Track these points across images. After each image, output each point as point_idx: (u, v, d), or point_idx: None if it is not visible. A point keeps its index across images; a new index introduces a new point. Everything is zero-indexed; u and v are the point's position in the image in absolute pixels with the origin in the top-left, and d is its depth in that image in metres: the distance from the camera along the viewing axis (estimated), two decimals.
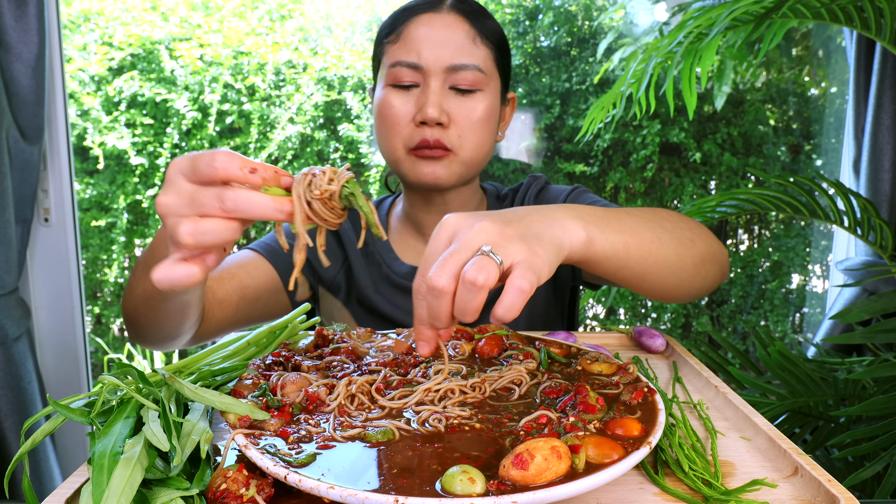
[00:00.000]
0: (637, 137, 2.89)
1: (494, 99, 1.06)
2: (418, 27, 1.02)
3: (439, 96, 1.00)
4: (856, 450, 1.24)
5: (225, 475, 0.51)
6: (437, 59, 1.00)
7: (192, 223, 0.54)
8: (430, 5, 1.04)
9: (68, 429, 1.92)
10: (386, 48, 1.05)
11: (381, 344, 0.78)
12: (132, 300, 0.86)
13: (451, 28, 1.02)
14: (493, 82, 1.05)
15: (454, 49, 1.01)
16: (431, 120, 0.99)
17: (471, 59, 1.02)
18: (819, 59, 2.87)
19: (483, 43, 1.03)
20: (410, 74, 1.01)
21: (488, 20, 1.05)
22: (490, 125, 1.05)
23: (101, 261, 2.93)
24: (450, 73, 1.01)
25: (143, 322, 0.87)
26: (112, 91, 2.76)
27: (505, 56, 1.09)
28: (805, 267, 3.00)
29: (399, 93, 1.02)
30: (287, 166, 2.89)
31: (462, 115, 1.02)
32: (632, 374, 0.69)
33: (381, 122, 1.04)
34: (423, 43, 1.01)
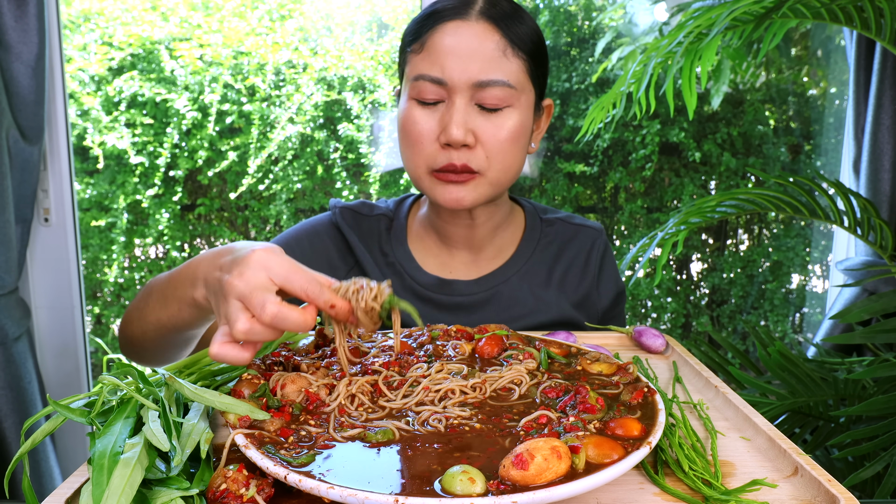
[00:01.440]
0: (637, 137, 2.89)
1: (526, 113, 0.98)
2: (444, 37, 0.93)
3: (465, 115, 0.93)
4: (856, 450, 1.24)
5: (225, 475, 0.51)
6: (463, 74, 0.92)
7: (249, 323, 0.62)
8: (458, 11, 0.95)
9: (68, 429, 1.92)
10: (409, 57, 0.98)
11: (382, 344, 0.78)
12: (140, 326, 0.86)
13: (479, 39, 0.93)
14: (524, 95, 0.97)
15: (482, 63, 0.92)
16: (456, 142, 0.93)
17: (500, 73, 0.93)
18: (819, 59, 2.88)
19: (515, 54, 0.95)
20: (434, 90, 0.94)
21: (523, 25, 0.96)
22: (520, 143, 0.98)
23: (101, 261, 2.93)
24: (476, 89, 0.93)
25: (148, 347, 0.87)
26: (112, 91, 2.76)
27: (540, 64, 1.00)
28: (805, 267, 3.00)
29: (423, 108, 0.96)
30: (287, 166, 2.89)
31: (489, 134, 0.95)
32: (632, 374, 0.69)
33: (404, 138, 0.99)
34: (448, 56, 0.92)
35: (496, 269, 1.10)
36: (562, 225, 1.16)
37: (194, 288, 0.75)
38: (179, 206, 2.92)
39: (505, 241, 1.12)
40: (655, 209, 3.02)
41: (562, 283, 1.12)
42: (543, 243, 1.14)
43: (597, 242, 1.16)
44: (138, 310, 0.88)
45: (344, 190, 2.93)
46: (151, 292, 0.86)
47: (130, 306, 0.92)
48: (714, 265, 3.10)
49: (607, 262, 1.17)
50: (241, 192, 2.90)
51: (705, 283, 3.14)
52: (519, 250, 1.12)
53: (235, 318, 0.63)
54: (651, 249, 1.60)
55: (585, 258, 1.14)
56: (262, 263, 0.65)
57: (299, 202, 2.98)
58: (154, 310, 0.83)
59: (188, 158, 2.84)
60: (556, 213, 1.18)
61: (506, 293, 1.08)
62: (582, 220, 1.18)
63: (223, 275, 0.67)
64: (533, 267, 1.11)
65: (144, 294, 0.88)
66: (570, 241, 1.15)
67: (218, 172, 2.89)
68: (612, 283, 1.17)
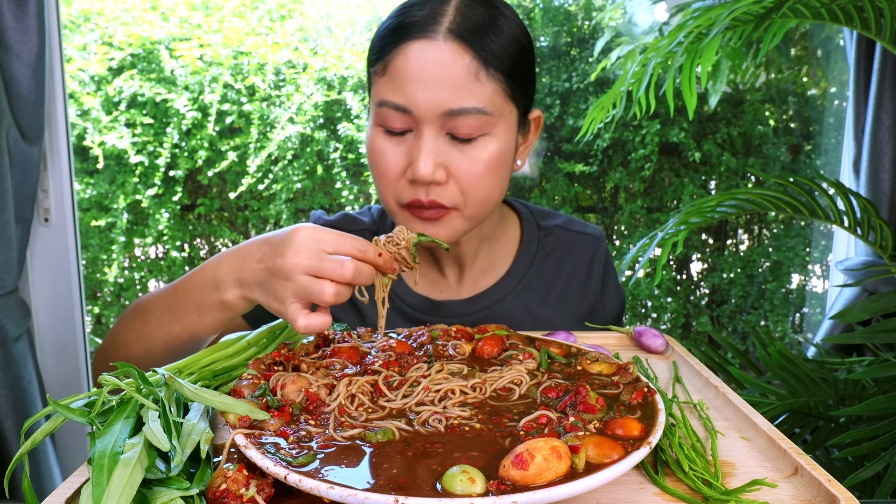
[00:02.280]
0: (637, 137, 2.89)
1: (506, 137, 0.88)
2: (407, 60, 0.82)
3: (434, 148, 0.83)
4: (856, 450, 1.24)
5: (225, 475, 0.51)
6: (430, 104, 0.82)
7: (335, 287, 0.68)
8: (423, 29, 0.83)
9: (68, 429, 1.92)
10: (373, 78, 0.87)
11: (382, 344, 0.77)
12: (143, 345, 0.85)
13: (447, 63, 0.81)
14: (504, 119, 0.87)
15: (451, 90, 0.81)
16: (423, 180, 0.84)
17: (472, 100, 0.82)
18: (819, 59, 2.88)
19: (490, 76, 0.83)
20: (400, 118, 0.84)
21: (499, 38, 0.84)
22: (500, 171, 0.88)
23: (101, 261, 2.93)
24: (447, 118, 0.83)
25: (152, 364, 0.86)
26: (112, 91, 2.76)
27: (523, 79, 0.89)
28: (805, 267, 3.00)
29: (389, 138, 0.86)
30: (287, 166, 2.89)
31: (463, 168, 0.85)
32: (632, 374, 0.69)
33: (371, 167, 0.90)
34: (413, 82, 0.82)
35: (490, 286, 1.03)
36: (560, 232, 1.09)
37: (221, 291, 0.76)
38: (179, 206, 2.92)
39: (497, 255, 1.05)
40: (655, 209, 3.02)
41: (562, 299, 1.06)
42: (541, 255, 1.06)
43: (598, 252, 1.09)
44: (136, 329, 0.86)
45: (344, 190, 2.93)
46: (151, 309, 0.85)
47: (120, 331, 0.89)
48: (714, 265, 3.10)
49: (610, 274, 1.11)
50: (240, 192, 2.90)
51: (705, 283, 3.14)
52: (515, 265, 1.05)
53: (318, 288, 0.67)
54: (651, 249, 1.60)
55: (587, 269, 1.08)
56: (311, 238, 0.69)
57: (299, 202, 2.98)
58: (161, 325, 0.82)
59: (188, 158, 2.84)
60: (555, 217, 1.11)
61: (501, 314, 1.02)
62: (581, 226, 1.11)
63: (273, 262, 0.70)
64: (530, 283, 1.05)
65: (140, 313, 0.86)
66: (569, 250, 1.08)
67: (218, 172, 2.89)
68: (616, 293, 1.12)
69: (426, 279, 1.04)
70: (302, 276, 0.68)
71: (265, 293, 0.72)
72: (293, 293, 0.69)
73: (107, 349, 0.91)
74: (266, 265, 0.71)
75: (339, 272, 0.68)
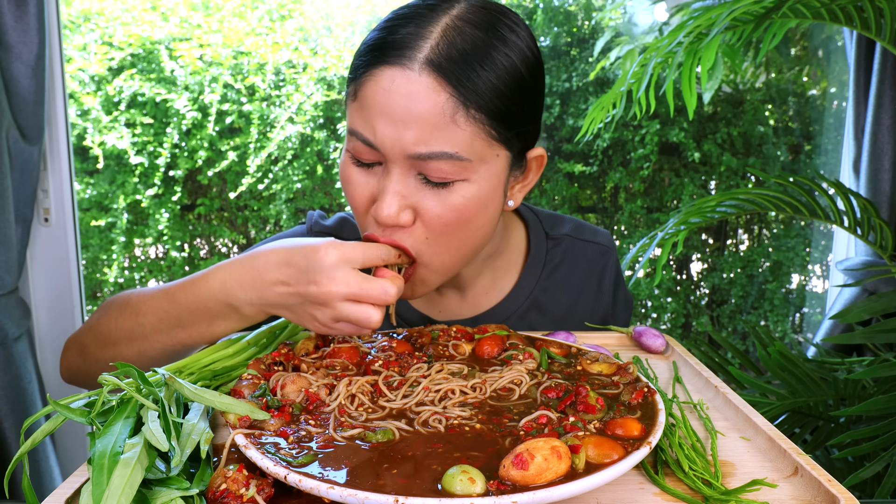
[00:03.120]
0: (637, 137, 2.89)
1: (489, 182, 0.76)
2: (376, 89, 0.71)
3: (401, 188, 0.73)
4: (856, 450, 1.24)
5: (225, 475, 0.51)
6: (396, 143, 0.71)
7: (379, 312, 0.69)
8: (399, 54, 0.71)
9: (68, 429, 1.92)
10: (347, 99, 0.78)
11: (382, 344, 0.77)
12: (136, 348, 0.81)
13: (419, 99, 0.69)
14: (487, 164, 0.75)
15: (420, 131, 0.70)
16: (385, 223, 0.74)
17: (444, 144, 0.70)
18: (819, 59, 2.88)
19: (469, 118, 0.71)
20: (369, 152, 0.74)
21: (488, 72, 0.71)
22: (478, 219, 0.77)
23: (101, 261, 2.93)
24: (416, 160, 0.72)
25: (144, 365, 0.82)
26: (112, 91, 2.76)
27: (515, 120, 0.75)
28: (805, 267, 3.00)
29: (358, 167, 0.77)
30: (287, 166, 2.89)
31: (433, 213, 0.74)
32: (632, 374, 0.68)
33: (343, 191, 0.82)
34: (379, 117, 0.71)
35: (494, 305, 0.96)
36: (570, 242, 1.00)
37: (235, 307, 0.74)
38: (179, 206, 2.92)
39: (500, 271, 0.97)
40: (655, 209, 3.02)
41: (571, 315, 1.00)
42: (549, 269, 0.98)
43: (609, 263, 1.03)
44: (124, 330, 0.81)
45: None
46: (143, 312, 0.80)
47: (104, 328, 0.83)
48: (714, 265, 3.10)
49: (620, 284, 1.06)
50: (240, 192, 2.90)
51: (705, 283, 3.14)
52: (521, 281, 0.97)
53: (364, 316, 0.68)
54: (651, 249, 1.60)
55: (598, 283, 1.02)
56: (341, 260, 0.68)
57: (299, 202, 2.98)
58: (161, 331, 0.79)
59: (188, 158, 2.84)
60: (563, 225, 1.02)
61: None
62: (591, 234, 1.03)
63: (306, 288, 0.69)
64: (537, 300, 0.98)
65: (129, 313, 0.81)
66: (578, 261, 1.01)
67: (218, 172, 2.89)
68: (626, 304, 1.07)
69: (424, 297, 0.96)
70: (342, 303, 0.68)
71: (296, 315, 0.71)
72: (334, 317, 0.69)
73: (87, 345, 0.85)
74: (296, 290, 0.69)
75: (383, 298, 0.68)
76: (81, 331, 0.89)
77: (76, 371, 0.90)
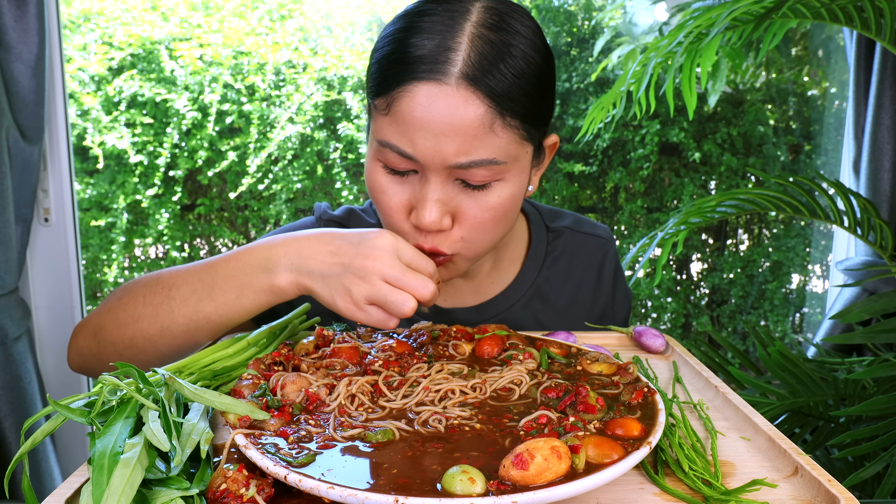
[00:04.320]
0: (637, 137, 2.90)
1: (521, 178, 0.81)
2: (414, 106, 0.73)
3: (441, 195, 0.77)
4: (856, 450, 1.24)
5: (225, 475, 0.51)
6: (437, 156, 0.74)
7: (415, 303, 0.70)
8: (433, 70, 0.72)
9: (68, 429, 1.92)
10: (374, 111, 0.79)
11: (383, 344, 0.77)
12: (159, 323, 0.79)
13: (458, 113, 0.72)
14: (519, 161, 0.79)
15: (461, 143, 0.73)
16: (428, 229, 0.78)
17: (485, 152, 0.74)
18: (819, 59, 2.88)
19: (505, 126, 0.74)
20: (404, 162, 0.77)
21: (515, 77, 0.74)
22: (511, 214, 0.82)
23: (101, 261, 2.93)
24: (456, 168, 0.75)
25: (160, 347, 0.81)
26: (112, 91, 2.76)
27: (541, 116, 0.79)
28: (805, 267, 3.00)
29: (392, 176, 0.79)
30: (287, 166, 2.89)
31: (472, 213, 0.79)
32: (632, 374, 0.68)
33: (374, 200, 0.83)
34: (420, 131, 0.73)
35: (498, 294, 1.00)
36: (570, 234, 1.04)
37: (272, 274, 0.74)
38: (179, 206, 2.92)
39: (504, 261, 1.01)
40: (655, 209, 3.02)
41: (573, 305, 1.03)
42: (550, 259, 1.02)
43: (608, 255, 1.06)
44: (153, 306, 0.80)
45: (343, 190, 2.93)
46: (176, 285, 0.79)
47: (127, 305, 0.82)
48: (714, 265, 3.10)
49: (619, 277, 1.08)
50: (240, 192, 2.90)
51: (705, 283, 3.14)
52: (523, 271, 1.01)
53: (400, 299, 0.69)
54: (651, 249, 1.60)
55: (597, 274, 1.05)
56: (393, 246, 0.70)
57: (299, 202, 2.98)
58: (189, 303, 0.78)
59: (188, 158, 2.85)
60: (563, 218, 1.06)
61: (510, 321, 1.00)
62: (590, 227, 1.07)
63: (353, 259, 0.70)
64: (540, 289, 1.02)
65: (160, 288, 0.80)
66: (578, 253, 1.04)
67: (218, 172, 2.89)
68: (625, 296, 1.09)
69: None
70: (382, 282, 0.69)
71: (328, 286, 0.72)
72: (368, 295, 0.69)
73: (103, 327, 0.83)
74: (342, 260, 0.71)
75: (422, 292, 0.69)
76: (95, 314, 0.86)
77: (87, 356, 0.87)
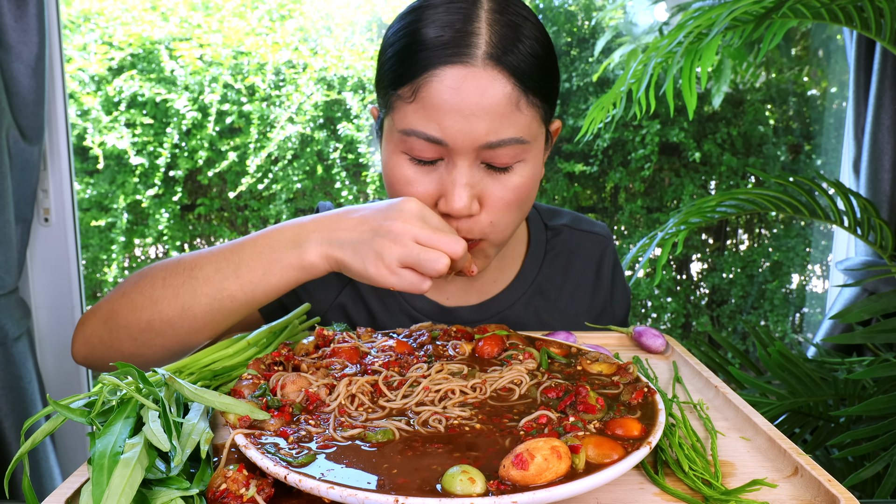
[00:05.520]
0: (637, 137, 2.90)
1: (539, 160, 0.84)
2: (443, 89, 0.75)
3: (469, 179, 0.78)
4: (856, 450, 1.24)
5: (225, 475, 0.51)
6: (468, 137, 0.76)
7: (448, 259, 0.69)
8: (459, 53, 0.75)
9: (68, 429, 1.92)
10: (396, 102, 0.79)
11: (383, 344, 0.78)
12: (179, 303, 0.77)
13: (488, 92, 0.75)
14: (538, 142, 0.82)
15: (491, 122, 0.76)
16: (459, 214, 0.79)
17: (512, 131, 0.77)
18: (819, 59, 2.88)
19: (529, 104, 0.78)
20: (431, 149, 0.78)
21: (532, 57, 0.77)
22: (532, 195, 0.85)
23: (101, 261, 2.93)
24: (483, 149, 0.77)
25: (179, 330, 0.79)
26: (112, 91, 2.76)
27: (554, 96, 0.84)
28: (805, 267, 3.00)
29: (417, 166, 0.80)
30: (287, 166, 2.89)
31: (497, 196, 0.81)
32: (632, 374, 0.68)
33: (394, 195, 0.83)
34: (449, 114, 0.75)
35: (499, 292, 1.01)
36: (568, 232, 1.06)
37: (301, 248, 0.73)
38: (179, 206, 2.92)
39: (506, 259, 1.02)
40: (655, 209, 3.02)
41: (573, 302, 1.04)
42: (550, 257, 1.04)
43: (606, 251, 1.07)
44: (174, 287, 0.77)
45: (343, 190, 2.93)
46: (200, 265, 0.77)
47: (145, 288, 0.79)
48: (714, 265, 3.10)
49: (618, 273, 1.09)
50: (240, 192, 2.90)
51: (705, 283, 3.14)
52: (524, 269, 1.02)
53: (433, 257, 0.67)
54: (651, 249, 1.60)
55: (596, 270, 1.06)
56: (420, 211, 0.70)
57: (299, 202, 2.98)
58: (213, 282, 0.76)
59: (188, 158, 2.85)
60: (561, 216, 1.08)
61: (512, 319, 1.00)
62: (588, 225, 1.09)
63: (382, 223, 0.70)
64: (540, 287, 1.03)
65: (181, 269, 0.78)
66: (577, 250, 1.06)
67: (218, 172, 2.89)
68: (624, 294, 1.10)
69: (434, 285, 0.98)
70: (413, 242, 0.68)
71: (358, 254, 0.70)
72: (400, 257, 0.68)
73: (117, 311, 0.81)
74: (371, 226, 0.71)
75: (453, 248, 0.68)
76: (107, 300, 0.84)
77: (97, 344, 0.84)
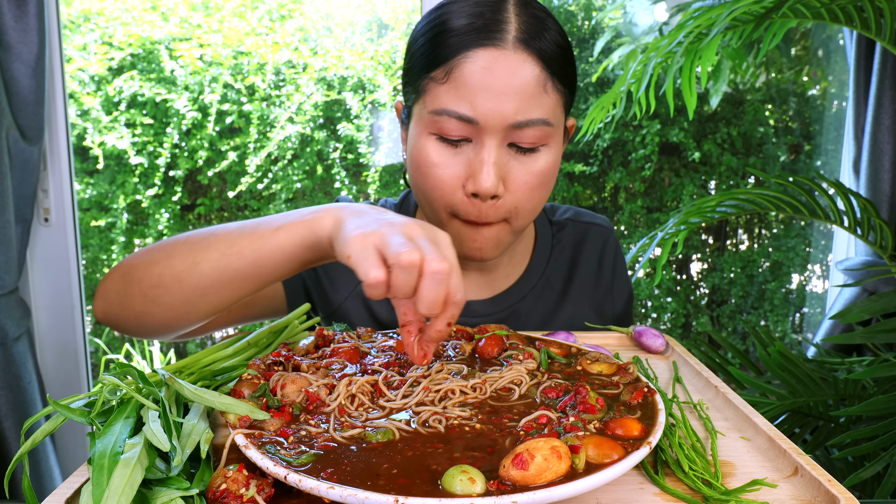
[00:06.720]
0: (637, 137, 2.89)
1: (560, 147, 0.88)
2: (475, 69, 0.79)
3: (497, 159, 0.82)
4: (856, 450, 1.24)
5: (225, 475, 0.51)
6: (498, 115, 0.80)
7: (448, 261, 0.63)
8: (491, 36, 0.80)
9: (68, 429, 1.92)
10: (428, 84, 0.83)
11: (383, 344, 0.78)
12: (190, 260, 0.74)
13: (517, 73, 0.80)
14: (560, 129, 0.87)
15: (520, 102, 0.80)
16: (487, 193, 0.82)
17: (538, 112, 0.81)
18: (819, 59, 2.88)
19: (555, 87, 0.83)
20: (461, 128, 0.81)
21: (555, 45, 0.83)
22: (552, 181, 0.88)
23: (101, 261, 2.93)
24: (511, 130, 0.81)
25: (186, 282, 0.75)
26: (112, 91, 2.76)
27: (574, 84, 0.88)
28: (805, 267, 3.00)
29: (445, 147, 0.83)
30: (287, 166, 2.89)
31: (521, 179, 0.84)
32: (632, 374, 0.68)
33: (420, 178, 0.86)
34: (481, 92, 0.79)
35: (511, 286, 1.04)
36: (572, 225, 1.09)
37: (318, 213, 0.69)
38: (179, 205, 2.92)
39: (516, 255, 1.05)
40: (655, 209, 3.02)
41: (581, 293, 1.07)
42: (557, 251, 1.08)
43: (608, 242, 1.10)
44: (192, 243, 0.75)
45: (343, 190, 2.93)
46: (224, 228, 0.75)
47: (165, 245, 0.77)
48: (714, 265, 3.10)
49: (619, 266, 1.12)
50: (240, 192, 2.90)
51: (705, 283, 3.14)
52: (532, 263, 1.06)
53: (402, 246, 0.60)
54: (651, 249, 1.60)
55: (598, 261, 1.09)
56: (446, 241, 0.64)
57: (299, 202, 2.98)
58: (229, 240, 0.73)
59: (188, 158, 2.85)
60: (564, 211, 1.12)
61: (523, 313, 1.02)
62: (591, 217, 1.12)
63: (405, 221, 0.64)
64: (548, 280, 1.06)
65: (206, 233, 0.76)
66: (581, 242, 1.09)
67: (218, 172, 2.89)
68: (625, 286, 1.12)
69: None
70: (405, 237, 0.62)
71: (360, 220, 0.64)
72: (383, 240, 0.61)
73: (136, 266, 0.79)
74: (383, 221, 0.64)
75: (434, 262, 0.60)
76: (131, 256, 0.83)
77: (113, 299, 0.82)
